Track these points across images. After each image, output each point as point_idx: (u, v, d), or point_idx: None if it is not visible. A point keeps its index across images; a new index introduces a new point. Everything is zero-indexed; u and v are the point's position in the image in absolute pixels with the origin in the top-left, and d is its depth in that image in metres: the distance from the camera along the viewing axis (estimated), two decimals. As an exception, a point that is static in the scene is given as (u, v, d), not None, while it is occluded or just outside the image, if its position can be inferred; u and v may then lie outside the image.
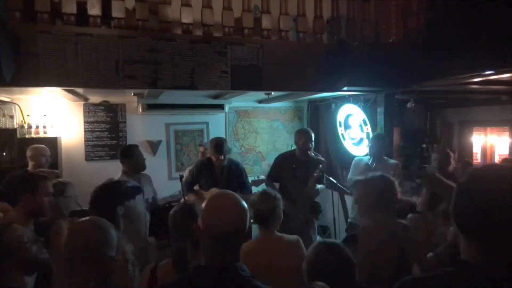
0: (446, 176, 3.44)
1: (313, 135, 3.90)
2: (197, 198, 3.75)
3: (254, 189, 4.27)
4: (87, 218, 1.58)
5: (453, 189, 1.06)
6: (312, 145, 3.86)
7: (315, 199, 4.01)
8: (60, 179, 3.16)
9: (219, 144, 3.73)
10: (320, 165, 3.79)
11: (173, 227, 1.95)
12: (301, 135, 3.89)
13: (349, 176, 4.09)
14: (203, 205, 1.34)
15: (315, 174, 3.77)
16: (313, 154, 3.87)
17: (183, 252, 1.85)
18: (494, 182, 0.98)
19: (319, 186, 3.92)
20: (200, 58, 3.22)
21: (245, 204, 1.34)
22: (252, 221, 2.21)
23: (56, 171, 3.82)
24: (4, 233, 1.60)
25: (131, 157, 3.57)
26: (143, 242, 3.44)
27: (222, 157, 3.74)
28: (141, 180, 3.60)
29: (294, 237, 2.34)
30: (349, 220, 4.17)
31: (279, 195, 2.38)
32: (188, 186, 3.88)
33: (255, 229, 2.30)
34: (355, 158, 4.17)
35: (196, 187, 4.00)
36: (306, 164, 3.86)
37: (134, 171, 3.58)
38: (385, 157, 3.90)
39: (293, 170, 3.88)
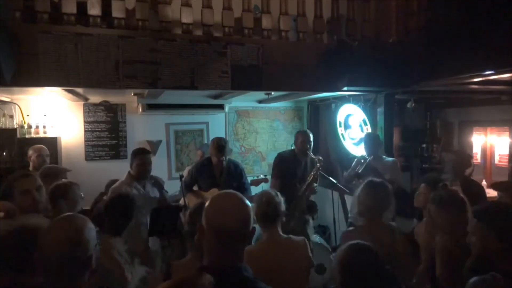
0: (464, 181, 3.42)
1: (311, 136, 4.02)
2: (197, 199, 3.74)
3: (254, 189, 4.26)
4: (58, 219, 1.47)
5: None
6: (310, 145, 3.96)
7: (312, 197, 4.11)
8: (61, 180, 3.10)
9: (220, 145, 3.72)
10: (318, 164, 3.87)
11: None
12: (300, 136, 4.02)
13: (349, 171, 4.12)
14: (206, 205, 1.32)
15: (313, 173, 3.88)
16: (311, 154, 3.98)
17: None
18: None
19: (315, 184, 3.99)
20: (200, 58, 3.22)
21: (249, 204, 1.33)
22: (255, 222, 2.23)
23: (68, 168, 3.80)
24: None
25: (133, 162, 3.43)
26: (144, 243, 3.41)
27: (223, 157, 3.74)
28: (146, 186, 3.44)
29: (301, 238, 2.36)
30: (349, 220, 4.17)
31: (279, 194, 2.40)
32: (187, 187, 3.85)
33: (258, 230, 2.30)
34: (356, 158, 4.19)
35: (195, 188, 3.99)
36: (305, 163, 4.00)
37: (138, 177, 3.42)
38: (383, 156, 3.94)
39: (293, 169, 3.98)
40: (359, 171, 3.74)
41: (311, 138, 3.99)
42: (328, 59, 3.53)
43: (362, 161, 3.85)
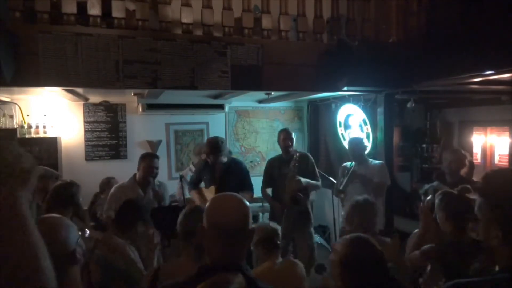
0: (457, 180, 3.38)
1: (292, 133, 4.06)
2: (198, 195, 3.83)
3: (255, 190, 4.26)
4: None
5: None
6: (292, 142, 4.00)
7: (311, 196, 4.19)
8: (62, 181, 3.06)
9: (214, 144, 3.73)
10: (295, 157, 3.87)
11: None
12: (280, 134, 4.08)
13: (336, 181, 4.12)
14: (207, 205, 1.36)
15: (291, 166, 3.86)
16: (294, 150, 4.01)
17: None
18: None
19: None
20: (200, 58, 3.22)
21: (247, 203, 1.36)
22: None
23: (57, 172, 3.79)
24: None
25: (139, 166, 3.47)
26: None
27: (219, 157, 3.74)
28: (148, 193, 3.45)
29: (297, 261, 2.50)
30: (342, 226, 4.16)
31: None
32: (193, 184, 3.95)
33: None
34: (342, 165, 4.14)
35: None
36: (291, 162, 3.98)
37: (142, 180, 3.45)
38: (370, 159, 3.92)
39: (281, 170, 4.00)
40: (341, 187, 3.74)
41: (293, 136, 4.03)
42: (328, 59, 3.53)
43: (346, 171, 3.81)
